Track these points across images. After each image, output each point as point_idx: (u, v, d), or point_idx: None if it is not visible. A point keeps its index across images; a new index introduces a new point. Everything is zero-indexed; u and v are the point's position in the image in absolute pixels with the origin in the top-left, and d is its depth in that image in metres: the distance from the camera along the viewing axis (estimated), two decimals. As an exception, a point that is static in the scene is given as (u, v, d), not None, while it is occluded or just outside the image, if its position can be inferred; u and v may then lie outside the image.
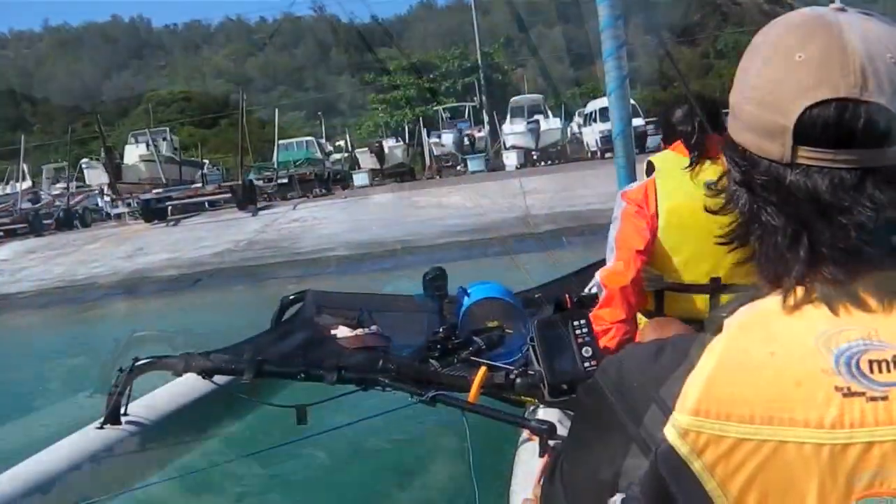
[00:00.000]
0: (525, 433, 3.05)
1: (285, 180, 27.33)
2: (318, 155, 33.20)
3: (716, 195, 0.99)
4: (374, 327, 4.34)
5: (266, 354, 3.91)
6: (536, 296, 4.58)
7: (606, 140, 30.74)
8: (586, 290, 4.33)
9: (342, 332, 4.27)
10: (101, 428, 3.66)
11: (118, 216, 27.30)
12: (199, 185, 25.14)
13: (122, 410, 3.74)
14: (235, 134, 26.08)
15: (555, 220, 16.44)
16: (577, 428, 1.08)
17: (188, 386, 4.11)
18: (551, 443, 2.67)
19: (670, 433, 0.84)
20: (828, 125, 0.85)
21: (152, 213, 23.31)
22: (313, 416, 3.67)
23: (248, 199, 22.81)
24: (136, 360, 3.68)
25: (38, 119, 75.28)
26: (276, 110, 33.32)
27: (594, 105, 34.03)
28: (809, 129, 0.86)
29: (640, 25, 78.12)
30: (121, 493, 3.46)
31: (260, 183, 27.80)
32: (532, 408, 3.34)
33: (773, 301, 0.88)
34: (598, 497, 0.92)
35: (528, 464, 2.75)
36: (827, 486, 0.79)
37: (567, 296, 3.75)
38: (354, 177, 30.71)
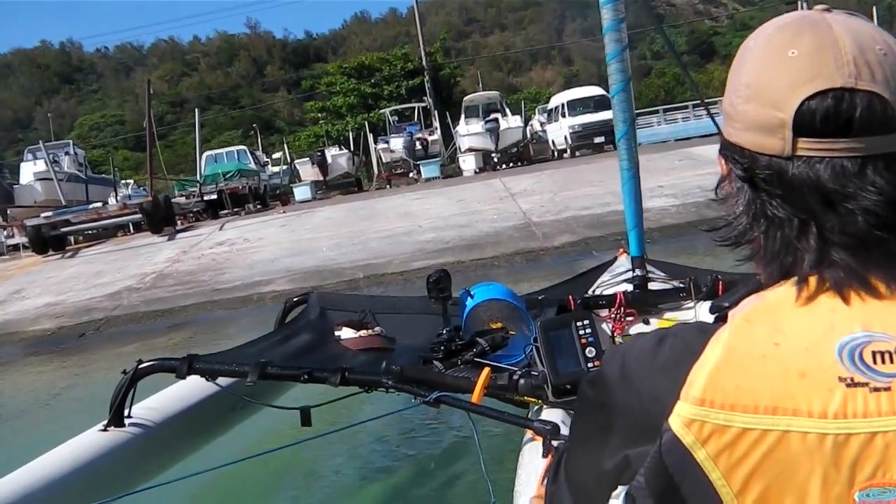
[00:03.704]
0: (529, 433, 2.59)
1: (213, 196, 21.91)
2: (252, 166, 27.59)
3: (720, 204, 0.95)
4: (378, 329, 3.91)
5: (269, 356, 3.47)
6: (540, 297, 4.03)
7: (579, 136, 26.25)
8: (589, 291, 4.14)
9: (346, 333, 3.87)
10: (105, 430, 3.27)
11: (14, 248, 21.47)
12: (100, 204, 19.46)
13: (126, 412, 3.33)
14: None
15: (571, 229, 11.61)
16: (579, 421, 1.04)
17: (191, 388, 3.59)
18: (555, 443, 2.33)
19: (675, 422, 0.80)
20: (826, 115, 0.83)
21: (45, 242, 17.67)
22: (317, 418, 3.28)
23: (162, 219, 17.40)
24: (140, 362, 3.30)
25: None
26: (197, 110, 27.62)
27: (559, 99, 29.42)
28: (808, 120, 0.84)
29: (578, 30, 75.22)
30: (124, 495, 3.08)
31: (182, 200, 22.40)
32: (536, 408, 2.87)
33: (780, 292, 0.84)
34: (602, 488, 0.89)
35: (532, 464, 2.37)
36: (830, 476, 0.77)
37: (570, 297, 3.74)
38: (295, 190, 25.30)
